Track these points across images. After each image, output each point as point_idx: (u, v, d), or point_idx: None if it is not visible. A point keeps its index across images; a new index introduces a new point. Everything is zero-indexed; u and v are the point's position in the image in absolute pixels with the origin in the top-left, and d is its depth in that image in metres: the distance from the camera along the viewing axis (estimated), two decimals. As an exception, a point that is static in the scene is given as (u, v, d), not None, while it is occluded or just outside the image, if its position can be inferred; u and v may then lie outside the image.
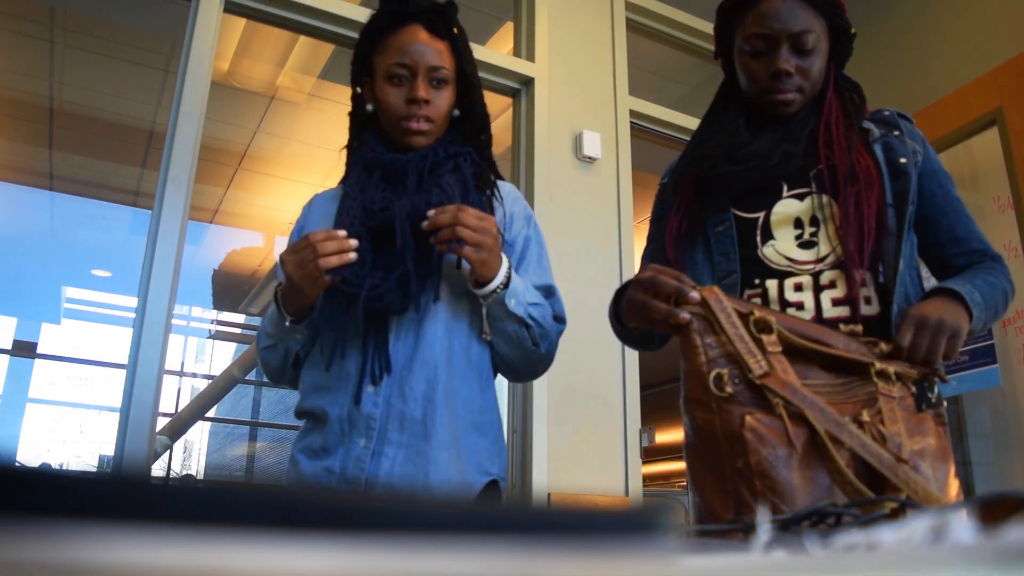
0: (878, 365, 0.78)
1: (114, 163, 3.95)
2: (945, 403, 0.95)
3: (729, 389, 0.75)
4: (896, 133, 1.02)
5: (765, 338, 0.75)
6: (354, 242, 0.93)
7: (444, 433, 0.99)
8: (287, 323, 1.01)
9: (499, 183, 1.13)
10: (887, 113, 1.06)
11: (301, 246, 0.94)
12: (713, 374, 0.77)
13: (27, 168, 4.07)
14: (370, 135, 1.09)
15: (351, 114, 1.15)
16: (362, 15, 2.11)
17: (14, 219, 4.90)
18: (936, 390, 0.93)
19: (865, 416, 0.72)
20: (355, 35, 2.09)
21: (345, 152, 1.15)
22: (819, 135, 1.01)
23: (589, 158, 2.32)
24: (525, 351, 1.05)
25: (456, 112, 1.11)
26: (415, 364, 1.01)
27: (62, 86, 3.25)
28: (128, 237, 5.04)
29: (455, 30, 1.09)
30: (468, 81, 1.10)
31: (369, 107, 1.10)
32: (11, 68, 3.18)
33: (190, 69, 1.81)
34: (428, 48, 1.06)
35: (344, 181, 1.12)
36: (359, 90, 1.12)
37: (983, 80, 2.25)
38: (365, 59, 1.11)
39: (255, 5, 1.97)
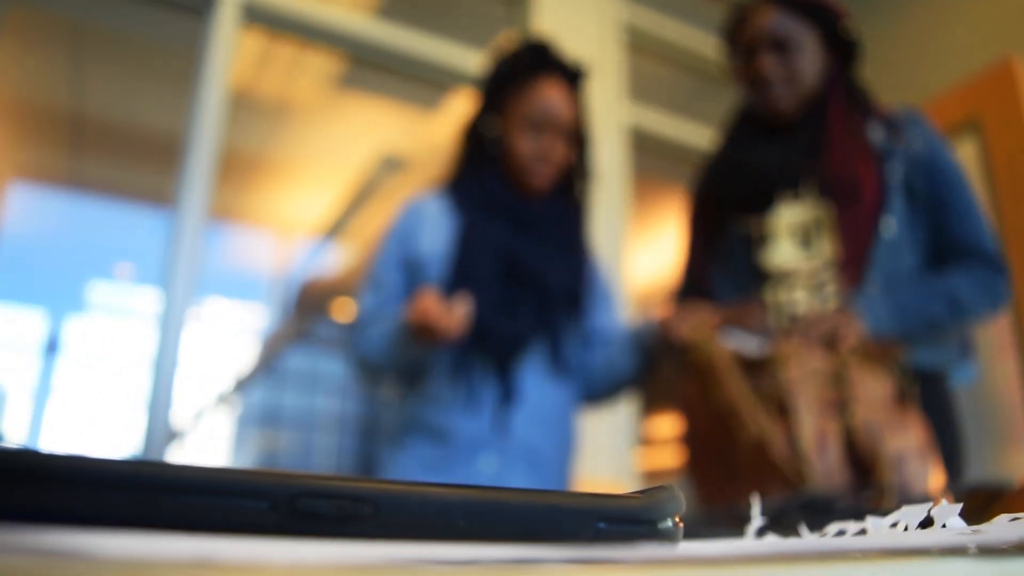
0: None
1: (138, 168, 4.05)
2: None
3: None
4: (898, 137, 1.01)
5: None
6: (464, 310, 0.94)
7: (560, 469, 1.09)
8: (422, 354, 1.01)
9: None
10: (896, 113, 1.05)
11: (418, 329, 0.94)
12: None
13: (56, 173, 4.18)
14: (492, 170, 1.13)
15: (466, 139, 1.17)
16: (378, 29, 2.15)
17: (41, 219, 5.00)
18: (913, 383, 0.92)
19: (852, 414, 0.73)
20: (371, 46, 2.15)
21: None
22: (821, 147, 1.01)
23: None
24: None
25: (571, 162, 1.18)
26: (547, 400, 1.07)
27: (88, 96, 3.33)
28: (151, 238, 5.12)
29: (582, 88, 1.18)
30: (583, 135, 1.18)
31: (493, 142, 1.13)
32: (38, 80, 3.26)
33: (207, 79, 1.84)
34: (563, 104, 1.12)
35: (454, 200, 1.13)
36: (483, 125, 1.15)
37: (961, 87, 2.22)
38: (496, 96, 1.14)
39: (272, 17, 2.00)
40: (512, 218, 1.10)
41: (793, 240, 1.00)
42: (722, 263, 1.08)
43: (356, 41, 2.13)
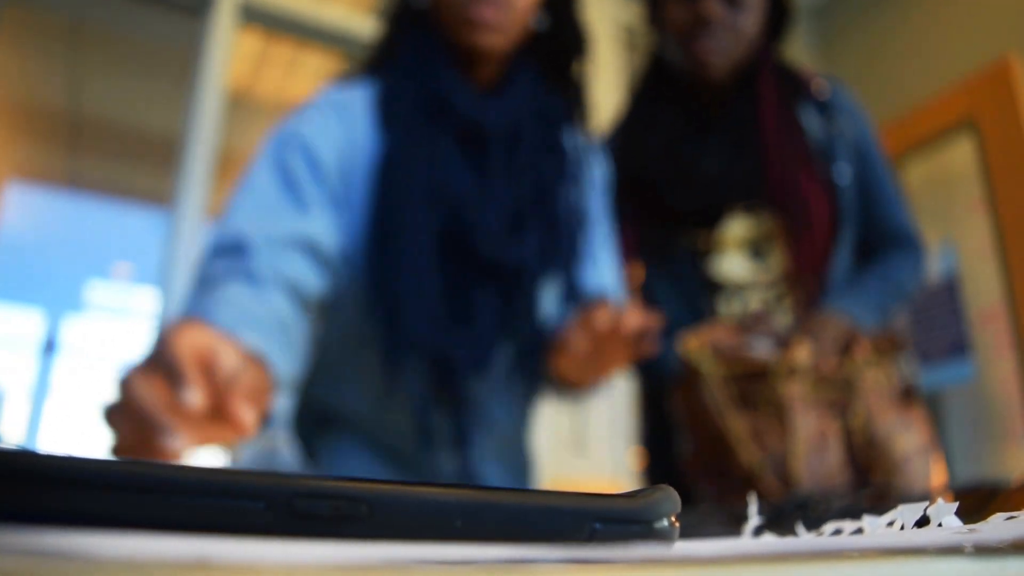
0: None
1: (136, 168, 4.05)
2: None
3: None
4: (832, 122, 0.97)
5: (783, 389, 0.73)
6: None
7: None
8: None
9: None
10: (822, 88, 0.99)
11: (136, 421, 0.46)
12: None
13: (53, 173, 4.18)
14: (422, 38, 0.75)
15: (390, 13, 0.82)
16: (375, 28, 2.15)
17: (39, 219, 5.00)
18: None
19: (855, 414, 0.73)
20: (369, 45, 2.15)
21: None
22: (764, 150, 0.94)
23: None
24: None
25: (541, 23, 0.78)
26: (511, 423, 0.82)
27: (86, 96, 3.32)
28: (149, 237, 5.12)
29: None
30: None
31: (421, 2, 0.76)
32: (36, 80, 3.26)
33: (205, 79, 1.84)
34: None
35: (378, 95, 0.75)
36: None
37: (958, 87, 2.22)
38: None
39: (270, 17, 2.00)
40: (459, 129, 0.72)
41: (743, 252, 0.95)
42: (663, 272, 0.98)
43: (354, 41, 2.13)
